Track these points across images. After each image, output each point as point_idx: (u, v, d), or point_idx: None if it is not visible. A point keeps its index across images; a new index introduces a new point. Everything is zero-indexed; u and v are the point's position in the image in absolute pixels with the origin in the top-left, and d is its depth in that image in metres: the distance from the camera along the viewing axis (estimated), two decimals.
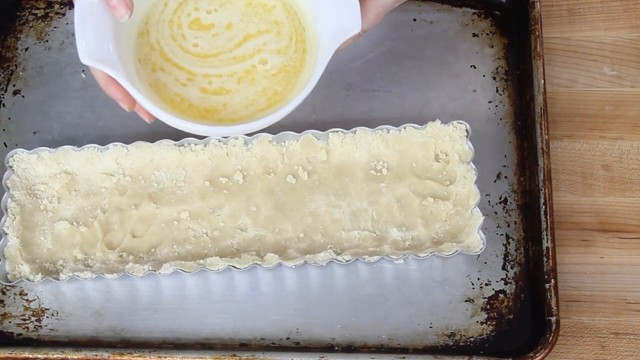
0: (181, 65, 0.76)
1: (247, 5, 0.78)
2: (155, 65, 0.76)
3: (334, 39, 0.73)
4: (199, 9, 0.78)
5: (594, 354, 0.83)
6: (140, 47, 0.76)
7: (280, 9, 0.78)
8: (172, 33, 0.77)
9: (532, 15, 0.91)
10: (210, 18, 0.77)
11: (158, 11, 0.78)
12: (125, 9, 0.69)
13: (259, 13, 0.78)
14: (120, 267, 0.83)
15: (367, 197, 0.86)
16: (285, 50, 0.76)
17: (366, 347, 0.82)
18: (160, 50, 0.76)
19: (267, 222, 0.85)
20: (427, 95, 0.92)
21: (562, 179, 0.89)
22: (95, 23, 0.70)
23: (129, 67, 0.74)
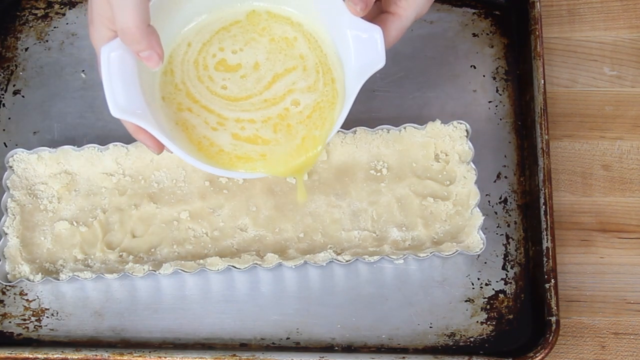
0: (210, 107, 0.76)
1: (270, 41, 0.78)
2: (182, 105, 0.76)
3: (358, 73, 0.72)
4: (224, 49, 0.78)
5: (594, 354, 0.83)
6: (163, 85, 0.77)
7: (301, 40, 0.78)
8: (199, 74, 0.77)
9: (532, 15, 0.91)
10: (236, 58, 0.77)
11: (182, 51, 0.78)
12: (158, 59, 0.69)
13: (283, 49, 0.77)
14: (120, 267, 0.83)
15: (367, 197, 0.86)
16: (315, 85, 0.76)
17: (366, 347, 0.82)
18: (187, 91, 0.76)
19: (267, 222, 0.85)
20: (427, 95, 0.92)
21: (562, 179, 0.89)
22: (121, 72, 0.69)
23: (153, 106, 0.74)
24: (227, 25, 0.79)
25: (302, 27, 0.78)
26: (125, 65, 0.70)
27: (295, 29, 0.78)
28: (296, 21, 0.78)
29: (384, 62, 0.72)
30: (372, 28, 0.72)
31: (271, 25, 0.78)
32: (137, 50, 0.68)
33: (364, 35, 0.72)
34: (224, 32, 0.78)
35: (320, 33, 0.77)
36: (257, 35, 0.78)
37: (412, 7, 0.74)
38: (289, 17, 0.79)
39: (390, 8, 0.74)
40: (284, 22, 0.79)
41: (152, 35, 0.68)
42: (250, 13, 0.79)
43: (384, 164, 0.87)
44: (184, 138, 0.74)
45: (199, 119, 0.75)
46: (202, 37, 0.78)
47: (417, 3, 0.74)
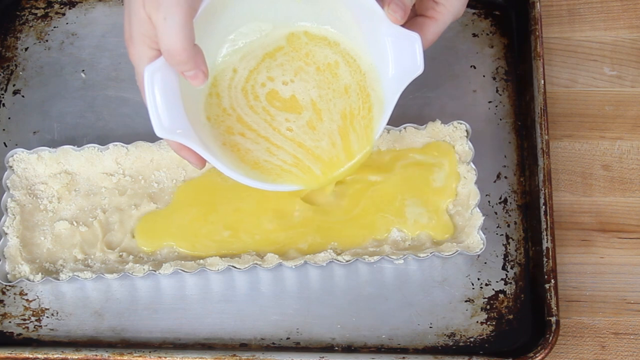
0: (277, 143, 0.77)
1: (317, 71, 0.78)
2: (233, 130, 0.77)
3: (397, 81, 0.73)
4: (273, 79, 0.78)
5: (594, 354, 0.83)
6: (209, 107, 0.77)
7: (342, 65, 0.78)
8: (250, 103, 0.78)
9: (532, 15, 0.91)
10: (288, 90, 0.78)
11: (227, 77, 0.78)
12: (204, 77, 0.68)
13: (330, 82, 0.78)
14: (120, 267, 0.83)
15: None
16: (356, 110, 0.77)
17: (366, 347, 0.82)
18: (238, 116, 0.77)
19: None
20: (427, 95, 0.92)
21: (562, 179, 0.89)
22: (165, 92, 0.69)
23: (196, 124, 0.75)
24: (271, 52, 0.79)
25: (340, 47, 0.79)
26: (168, 85, 0.69)
27: (334, 51, 0.79)
28: (333, 40, 0.79)
29: (423, 69, 0.72)
30: (411, 35, 0.72)
31: (312, 50, 0.79)
32: (182, 70, 0.68)
33: (403, 42, 0.72)
34: (270, 60, 0.79)
35: (357, 50, 0.78)
36: (304, 64, 0.79)
37: (450, 11, 0.75)
38: (325, 36, 0.79)
39: (428, 12, 0.75)
40: (323, 43, 0.79)
41: (198, 55, 0.68)
42: (290, 36, 0.79)
43: None
44: (234, 158, 0.76)
45: (258, 147, 0.77)
46: (248, 64, 0.79)
47: (454, 7, 0.75)
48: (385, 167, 0.86)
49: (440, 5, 0.74)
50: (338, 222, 0.83)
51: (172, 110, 0.70)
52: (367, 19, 0.74)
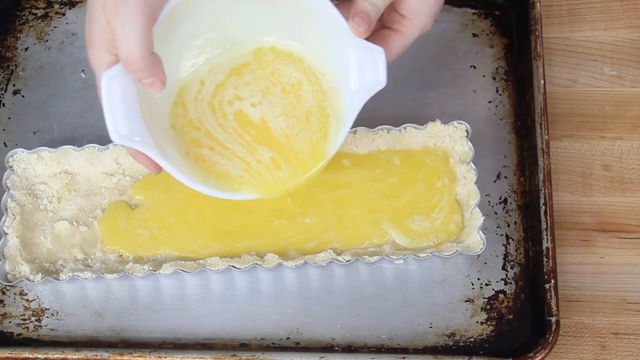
0: (243, 157, 0.78)
1: (283, 93, 0.79)
2: (201, 142, 0.77)
3: (359, 94, 0.73)
4: (241, 99, 0.79)
5: (594, 354, 0.83)
6: (174, 116, 0.78)
7: (305, 84, 0.78)
8: (218, 121, 0.78)
9: (532, 15, 0.91)
10: (257, 113, 0.78)
11: (194, 89, 0.79)
12: (161, 85, 0.68)
13: (295, 109, 0.78)
14: (120, 267, 0.83)
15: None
16: (313, 130, 0.78)
17: (366, 347, 0.82)
18: (206, 130, 0.78)
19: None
20: (427, 95, 0.92)
21: (562, 179, 0.89)
22: (122, 98, 0.69)
23: (157, 130, 0.75)
24: (238, 67, 0.79)
25: (304, 64, 0.79)
26: (126, 91, 0.69)
27: (298, 68, 0.79)
28: (298, 57, 0.79)
29: (385, 84, 0.72)
30: (375, 49, 0.72)
31: (278, 69, 0.79)
32: (139, 78, 0.67)
33: (367, 56, 0.72)
34: (237, 77, 0.79)
35: (321, 65, 0.78)
36: (270, 84, 0.79)
37: (416, 25, 0.74)
38: (291, 52, 0.79)
39: (394, 25, 0.74)
40: (288, 60, 0.79)
41: (156, 63, 0.67)
42: (257, 51, 0.79)
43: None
44: (197, 167, 0.76)
45: (224, 159, 0.77)
46: (215, 78, 0.79)
47: (421, 21, 0.74)
48: (390, 170, 0.86)
49: (407, 20, 0.74)
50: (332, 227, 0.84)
51: (129, 116, 0.70)
52: (332, 31, 0.73)
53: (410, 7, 0.73)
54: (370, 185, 0.85)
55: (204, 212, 0.84)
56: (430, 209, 0.84)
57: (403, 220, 0.84)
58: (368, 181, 0.85)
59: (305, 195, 0.85)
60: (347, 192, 0.85)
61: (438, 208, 0.84)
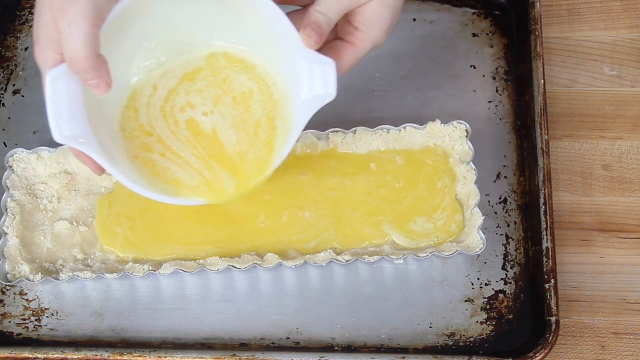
0: (194, 165, 0.78)
1: (234, 102, 0.78)
2: (152, 148, 0.77)
3: (309, 105, 0.73)
4: (193, 107, 0.78)
5: (594, 354, 0.83)
6: (125, 119, 0.78)
7: (256, 94, 0.78)
8: (170, 128, 0.78)
9: (532, 15, 0.91)
10: (209, 123, 0.78)
11: (147, 94, 0.78)
12: (106, 87, 0.68)
13: (245, 121, 0.78)
14: (120, 267, 0.83)
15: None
16: (260, 139, 0.79)
17: (366, 347, 0.82)
18: (159, 137, 0.77)
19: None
20: (427, 95, 0.92)
21: (562, 179, 0.89)
22: (67, 97, 0.69)
23: (106, 132, 0.75)
24: (191, 72, 0.79)
25: (256, 72, 0.79)
26: (72, 91, 0.69)
27: (250, 76, 0.79)
28: (251, 64, 0.79)
29: (335, 97, 0.72)
30: (326, 61, 0.72)
31: (230, 76, 0.79)
32: (84, 79, 0.67)
33: (318, 67, 0.72)
34: (189, 83, 0.79)
35: (273, 74, 0.78)
36: (222, 92, 0.79)
37: (369, 38, 0.74)
38: (244, 59, 0.79)
39: (348, 37, 0.74)
40: (240, 67, 0.79)
41: (102, 65, 0.67)
42: (209, 57, 0.79)
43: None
44: (146, 171, 0.76)
45: (176, 166, 0.77)
46: (167, 83, 0.79)
47: (374, 34, 0.74)
48: (394, 172, 0.86)
49: (361, 32, 0.73)
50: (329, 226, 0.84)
51: (73, 117, 0.69)
52: (284, 40, 0.73)
53: (364, 20, 0.73)
54: (374, 191, 0.85)
55: (198, 215, 0.84)
56: (432, 211, 0.84)
57: (405, 223, 0.84)
58: (372, 187, 0.85)
59: (301, 192, 0.85)
60: (343, 194, 0.85)
61: (440, 209, 0.84)
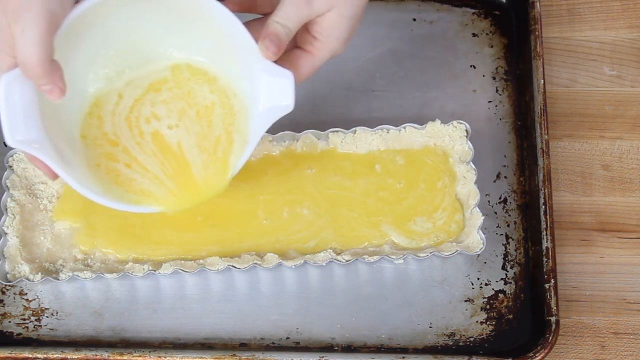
0: (158, 175, 0.78)
1: (197, 116, 0.78)
2: (117, 158, 0.77)
3: (266, 116, 0.73)
4: (159, 119, 0.78)
5: (594, 354, 0.83)
6: (87, 126, 0.77)
7: (218, 107, 0.78)
8: (136, 140, 0.78)
9: (532, 15, 0.91)
10: (174, 137, 0.78)
11: (112, 102, 0.78)
12: (60, 93, 0.67)
13: (207, 136, 0.78)
14: (120, 267, 0.83)
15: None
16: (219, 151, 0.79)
17: (366, 347, 0.82)
18: (124, 148, 0.77)
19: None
20: (427, 95, 0.92)
21: (562, 179, 0.89)
22: (21, 102, 0.68)
23: (65, 139, 0.74)
24: (156, 83, 0.79)
25: (218, 84, 0.79)
26: (26, 96, 0.68)
27: (212, 89, 0.79)
28: (213, 76, 0.79)
29: (293, 108, 0.72)
30: (285, 74, 0.72)
31: (194, 89, 0.79)
32: (38, 84, 0.67)
33: (276, 80, 0.72)
34: (155, 94, 0.79)
35: (234, 86, 0.78)
36: (186, 105, 0.79)
37: (327, 48, 0.74)
38: (206, 71, 0.79)
39: (306, 46, 0.74)
40: (203, 80, 0.79)
41: (55, 71, 0.66)
42: (174, 68, 0.79)
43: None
44: (107, 179, 0.76)
45: (142, 177, 0.77)
46: (133, 93, 0.79)
47: (332, 45, 0.74)
48: (395, 172, 0.86)
49: (319, 42, 0.73)
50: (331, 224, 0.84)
51: (27, 122, 0.69)
52: (242, 51, 0.73)
53: (323, 31, 0.73)
54: (373, 193, 0.85)
55: (195, 216, 0.84)
56: (432, 211, 0.84)
57: (405, 223, 0.84)
58: (372, 189, 0.85)
59: (301, 188, 0.85)
60: (341, 194, 0.85)
61: (441, 209, 0.84)
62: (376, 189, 0.85)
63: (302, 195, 0.85)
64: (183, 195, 0.78)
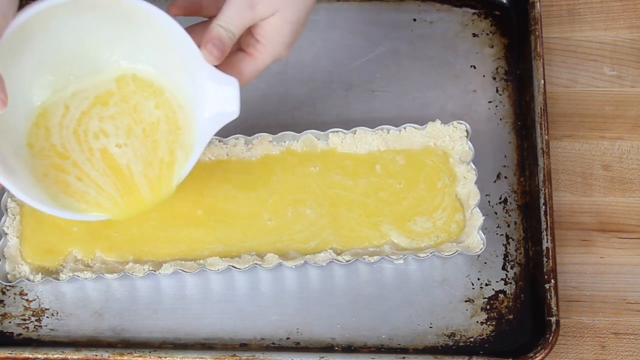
0: (104, 188, 0.78)
1: (143, 134, 0.78)
2: (67, 170, 0.77)
3: (212, 123, 0.74)
4: (107, 136, 0.78)
5: (594, 354, 0.83)
6: (34, 136, 0.77)
7: (163, 123, 0.78)
8: (85, 155, 0.78)
9: (532, 15, 0.91)
10: (123, 156, 0.78)
11: (59, 113, 0.78)
12: (1, 104, 0.66)
13: (152, 160, 0.78)
14: (120, 267, 0.83)
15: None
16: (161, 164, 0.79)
17: (366, 347, 0.82)
18: (74, 162, 0.77)
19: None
20: (427, 95, 0.92)
21: (562, 179, 0.89)
22: None
23: (10, 146, 0.74)
24: (102, 95, 0.79)
25: (164, 95, 0.79)
26: None
27: (158, 101, 0.79)
28: (158, 87, 0.79)
29: (238, 115, 0.73)
30: (229, 81, 0.72)
31: (140, 103, 0.79)
32: None
33: (220, 87, 0.72)
34: (102, 108, 0.79)
35: (179, 96, 0.78)
36: (132, 122, 0.79)
37: (270, 52, 0.74)
38: (151, 81, 0.79)
39: (249, 49, 0.74)
40: (149, 92, 0.79)
41: None
42: (119, 79, 0.79)
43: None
44: (55, 189, 0.76)
45: (91, 189, 0.77)
46: (80, 104, 0.78)
47: (275, 49, 0.74)
48: (395, 172, 0.86)
49: (261, 45, 0.74)
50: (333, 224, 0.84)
51: None
52: (186, 58, 0.73)
53: (266, 34, 0.73)
54: (373, 193, 0.85)
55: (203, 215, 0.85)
56: (432, 210, 0.84)
57: (404, 223, 0.84)
58: (372, 189, 0.85)
59: (305, 186, 0.85)
60: (342, 194, 0.85)
61: (441, 208, 0.84)
62: (376, 189, 0.85)
63: (306, 194, 0.85)
64: (129, 206, 0.78)
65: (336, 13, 0.95)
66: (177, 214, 0.84)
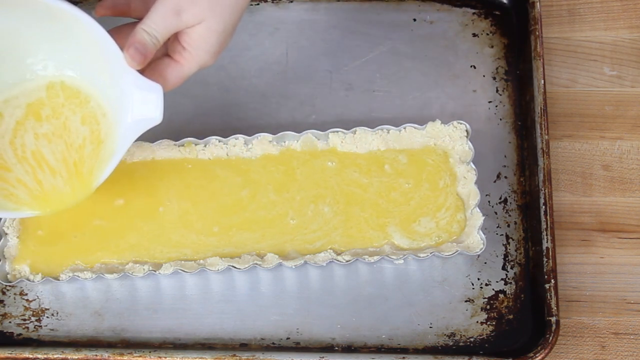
0: (29, 185, 0.79)
1: (71, 153, 0.79)
2: (4, 177, 0.78)
3: (134, 128, 0.74)
4: (43, 155, 0.79)
5: (594, 354, 0.83)
6: None
7: (88, 145, 0.79)
8: (25, 169, 0.78)
9: (532, 15, 0.91)
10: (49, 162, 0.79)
11: None
12: None
13: (74, 167, 0.79)
14: (120, 267, 0.83)
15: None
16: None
17: (366, 347, 0.82)
18: (7, 168, 0.78)
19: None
20: (427, 95, 0.92)
21: (562, 179, 0.89)
22: None
23: None
24: (34, 103, 0.79)
25: (89, 105, 0.79)
26: None
27: (84, 114, 0.79)
28: (85, 96, 0.79)
29: (160, 121, 0.73)
30: (153, 87, 0.72)
31: (69, 119, 0.79)
32: None
33: (144, 93, 0.72)
34: (35, 122, 0.79)
35: (104, 104, 0.78)
36: (65, 147, 0.79)
37: (195, 59, 0.74)
38: (79, 90, 0.79)
39: (175, 55, 0.74)
40: (76, 103, 0.79)
41: None
42: (49, 87, 0.79)
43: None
44: None
45: (14, 189, 0.78)
46: (14, 112, 0.79)
47: (200, 56, 0.74)
48: (401, 172, 0.86)
49: (187, 52, 0.74)
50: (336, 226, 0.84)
51: None
52: (110, 62, 0.73)
53: (192, 42, 0.73)
54: (385, 193, 0.85)
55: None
56: (436, 210, 0.84)
57: (410, 224, 0.84)
58: (384, 188, 0.85)
59: (324, 182, 0.85)
60: (356, 191, 0.85)
61: (444, 208, 0.84)
62: (388, 189, 0.85)
63: (326, 189, 0.85)
64: (53, 206, 0.78)
65: (336, 13, 0.95)
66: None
